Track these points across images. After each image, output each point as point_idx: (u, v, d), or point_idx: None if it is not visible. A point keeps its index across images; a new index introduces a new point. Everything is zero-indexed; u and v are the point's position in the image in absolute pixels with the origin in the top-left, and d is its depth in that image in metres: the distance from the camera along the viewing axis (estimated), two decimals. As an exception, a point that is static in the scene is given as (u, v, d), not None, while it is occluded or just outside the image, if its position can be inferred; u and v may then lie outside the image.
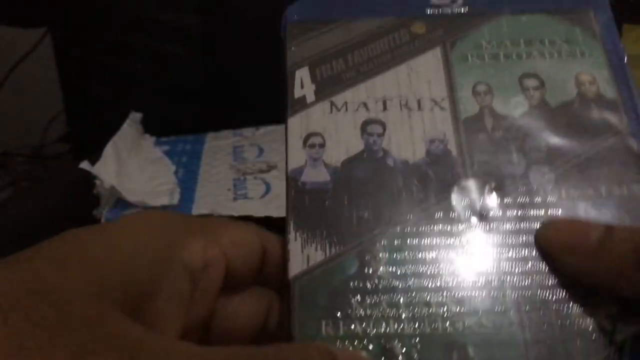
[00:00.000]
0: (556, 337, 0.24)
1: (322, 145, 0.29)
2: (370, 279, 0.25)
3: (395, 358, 0.24)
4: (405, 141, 0.29)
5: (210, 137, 0.63)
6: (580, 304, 0.24)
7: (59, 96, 0.78)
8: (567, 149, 0.28)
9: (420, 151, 0.28)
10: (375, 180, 0.28)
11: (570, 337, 0.24)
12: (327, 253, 0.26)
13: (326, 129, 0.29)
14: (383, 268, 0.25)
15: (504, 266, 0.25)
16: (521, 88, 0.30)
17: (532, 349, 0.24)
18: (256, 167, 0.58)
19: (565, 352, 0.24)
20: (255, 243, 0.27)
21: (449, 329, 0.24)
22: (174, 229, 0.25)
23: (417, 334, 0.24)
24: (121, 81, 0.70)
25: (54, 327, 0.18)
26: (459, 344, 0.24)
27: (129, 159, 0.57)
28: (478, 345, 0.24)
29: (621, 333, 0.24)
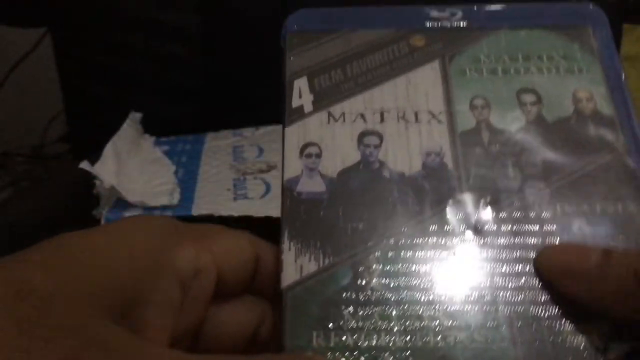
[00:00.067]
0: (548, 354, 0.24)
1: (319, 155, 0.29)
2: (363, 291, 0.25)
3: None
4: (401, 153, 0.29)
5: (210, 137, 0.63)
6: (572, 321, 0.24)
7: (59, 96, 0.78)
8: (563, 165, 0.28)
9: (416, 164, 0.28)
10: (370, 191, 0.28)
11: (562, 355, 0.24)
12: (321, 263, 0.26)
13: (323, 139, 0.29)
14: (376, 280, 0.25)
15: (497, 281, 0.25)
16: (518, 103, 0.30)
17: None
18: (256, 167, 0.58)
19: None
20: (248, 251, 0.27)
21: (441, 343, 0.24)
22: (166, 236, 0.25)
23: (409, 347, 0.24)
24: (121, 81, 0.70)
25: (37, 330, 0.18)
26: (451, 358, 0.24)
27: (129, 159, 0.57)
28: None
29: (613, 351, 0.24)
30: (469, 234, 0.26)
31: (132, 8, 0.67)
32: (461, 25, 0.32)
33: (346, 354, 0.24)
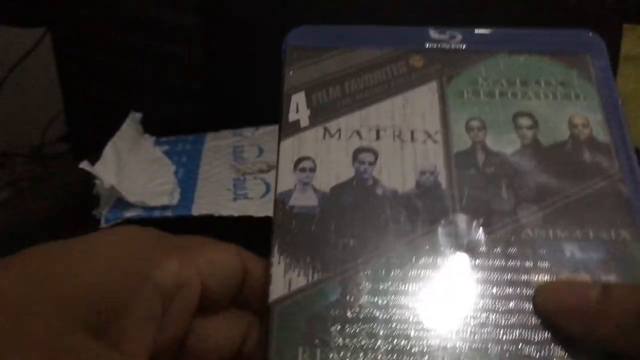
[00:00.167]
0: None
1: (313, 169, 0.29)
2: (351, 308, 0.25)
3: None
4: (395, 171, 0.29)
5: (210, 137, 0.63)
6: (563, 347, 0.24)
7: (59, 96, 0.78)
8: (557, 190, 0.28)
9: (410, 182, 0.28)
10: (363, 208, 0.28)
11: None
12: (310, 279, 0.26)
13: (318, 154, 0.29)
14: (365, 297, 0.25)
15: (487, 303, 0.25)
16: (515, 126, 0.30)
17: None
18: (256, 167, 0.58)
19: None
20: (234, 264, 0.27)
21: None
22: (149, 247, 0.25)
23: None
24: (121, 81, 0.70)
25: (11, 342, 0.18)
26: None
27: (129, 159, 0.57)
28: None
29: None
30: (461, 255, 0.26)
31: (132, 8, 0.67)
32: (460, 47, 0.32)
33: None
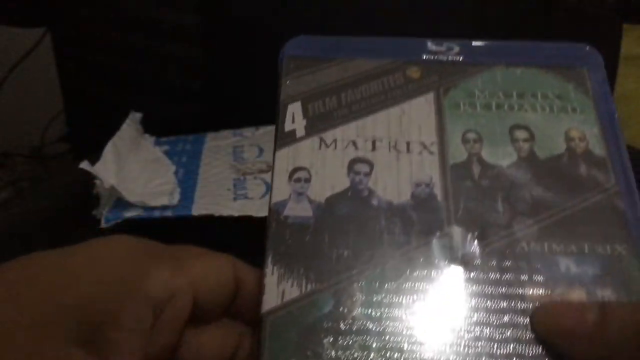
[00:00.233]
0: None
1: (308, 180, 0.29)
2: (344, 320, 0.25)
3: None
4: (391, 182, 0.29)
5: (210, 137, 0.63)
6: None
7: (59, 96, 0.78)
8: (553, 203, 0.28)
9: (405, 193, 0.28)
10: (358, 219, 0.28)
11: None
12: (303, 289, 0.26)
13: (313, 165, 0.29)
14: (358, 309, 0.25)
15: (482, 317, 0.25)
16: (511, 139, 0.30)
17: None
18: (256, 167, 0.58)
19: None
20: (227, 274, 0.26)
21: None
22: (140, 257, 0.25)
23: None
24: (121, 81, 0.70)
25: None
26: None
27: (129, 159, 0.57)
28: None
29: None
30: (455, 267, 0.26)
31: (132, 8, 0.67)
32: (457, 59, 0.32)
33: None
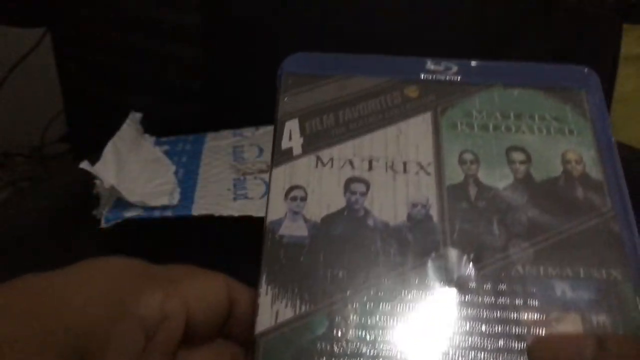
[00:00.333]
0: None
1: (304, 198, 0.29)
2: (338, 342, 0.25)
3: None
4: (387, 203, 0.28)
5: (210, 137, 0.63)
6: None
7: (59, 96, 0.78)
8: (549, 226, 0.28)
9: (401, 214, 0.28)
10: (353, 239, 0.27)
11: None
12: (297, 310, 0.26)
13: (309, 183, 0.29)
14: (353, 332, 0.25)
15: (476, 341, 0.25)
16: (507, 160, 0.30)
17: None
18: (256, 167, 0.58)
19: None
20: (221, 295, 0.26)
21: None
22: (132, 280, 0.25)
23: None
24: (121, 81, 0.70)
25: None
26: None
27: (129, 159, 0.57)
28: None
29: None
30: (450, 290, 0.26)
31: (132, 8, 0.67)
32: (455, 79, 0.32)
33: None
